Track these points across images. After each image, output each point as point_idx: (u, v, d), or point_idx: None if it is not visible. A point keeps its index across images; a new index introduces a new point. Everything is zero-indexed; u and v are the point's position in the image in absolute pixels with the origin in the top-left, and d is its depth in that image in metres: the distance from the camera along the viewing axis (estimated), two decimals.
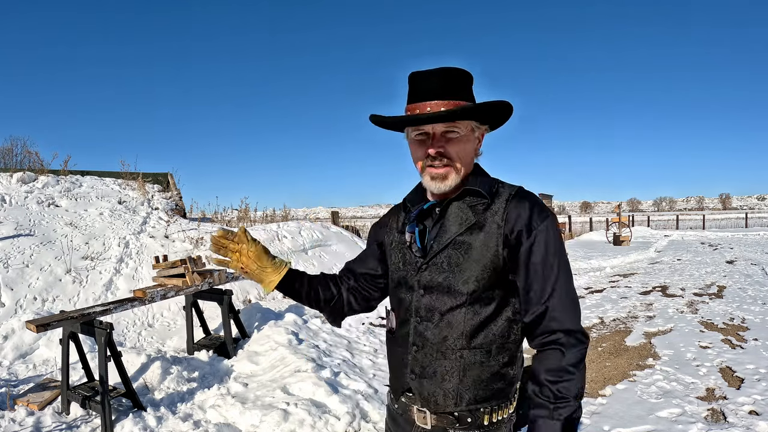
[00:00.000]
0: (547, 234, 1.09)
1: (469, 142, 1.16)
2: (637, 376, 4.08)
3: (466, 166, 1.16)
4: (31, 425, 2.96)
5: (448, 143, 1.12)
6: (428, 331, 1.15)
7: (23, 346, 4.14)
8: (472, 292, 1.10)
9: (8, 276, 4.96)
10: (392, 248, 1.29)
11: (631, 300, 7.49)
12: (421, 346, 1.16)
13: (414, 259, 1.19)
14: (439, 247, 1.14)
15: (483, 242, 1.11)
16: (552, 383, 1.04)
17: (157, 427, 3.01)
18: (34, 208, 6.62)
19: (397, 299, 1.25)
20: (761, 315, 6.14)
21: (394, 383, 1.27)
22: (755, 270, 10.47)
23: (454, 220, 1.15)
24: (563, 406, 1.02)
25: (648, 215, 49.89)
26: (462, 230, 1.13)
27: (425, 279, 1.16)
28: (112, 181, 8.65)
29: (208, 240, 7.00)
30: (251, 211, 10.59)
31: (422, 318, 1.16)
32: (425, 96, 1.11)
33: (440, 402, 1.14)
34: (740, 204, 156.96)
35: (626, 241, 18.60)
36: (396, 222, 1.31)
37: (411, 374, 1.18)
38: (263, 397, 3.38)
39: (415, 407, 1.19)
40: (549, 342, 1.07)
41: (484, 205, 1.14)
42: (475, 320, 1.11)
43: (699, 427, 3.07)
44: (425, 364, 1.15)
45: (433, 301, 1.14)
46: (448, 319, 1.12)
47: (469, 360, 1.11)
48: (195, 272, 3.93)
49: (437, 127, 1.11)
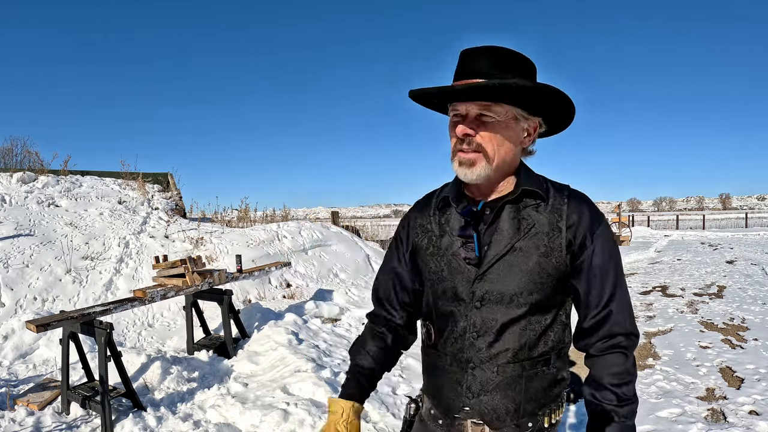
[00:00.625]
0: (606, 238, 1.07)
1: (509, 130, 1.02)
2: (637, 376, 4.08)
3: (501, 158, 1.03)
4: (31, 425, 2.96)
5: (481, 127, 1.01)
6: (487, 346, 1.06)
7: (23, 346, 4.14)
8: (537, 301, 1.05)
9: (8, 276, 4.96)
10: (429, 254, 1.13)
11: (631, 300, 7.49)
12: (479, 363, 1.07)
13: (464, 267, 1.07)
14: (497, 254, 1.04)
15: (546, 247, 1.04)
16: (617, 386, 1.03)
17: (157, 427, 3.01)
18: (34, 208, 6.62)
19: (441, 312, 1.12)
20: (761, 315, 6.14)
21: (441, 402, 1.14)
22: (755, 270, 10.47)
23: (512, 223, 1.05)
24: (628, 407, 1.03)
25: (648, 215, 49.91)
26: (521, 235, 1.04)
27: (482, 290, 1.05)
28: (112, 181, 8.65)
29: (208, 240, 7.01)
30: (251, 211, 10.60)
31: (479, 332, 1.06)
32: (467, 73, 1.01)
33: (501, 416, 1.07)
34: (740, 204, 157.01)
35: (626, 241, 18.60)
36: (428, 222, 1.16)
37: (468, 392, 1.08)
38: (263, 397, 3.38)
39: (469, 421, 1.10)
40: (612, 345, 1.05)
41: (541, 206, 1.06)
42: (536, 330, 1.06)
43: (699, 427, 3.07)
44: (485, 381, 1.07)
45: (492, 313, 1.05)
46: (510, 330, 1.05)
47: (531, 371, 1.07)
48: (195, 272, 3.93)
49: (471, 108, 1.00)
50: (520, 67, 1.01)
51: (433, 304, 1.15)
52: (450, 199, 1.12)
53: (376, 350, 1.23)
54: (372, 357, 1.23)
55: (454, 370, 1.10)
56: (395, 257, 1.24)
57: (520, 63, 1.01)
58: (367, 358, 1.23)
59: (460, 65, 1.04)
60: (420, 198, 1.25)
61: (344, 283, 7.16)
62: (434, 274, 1.12)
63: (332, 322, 5.25)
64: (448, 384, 1.11)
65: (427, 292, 1.18)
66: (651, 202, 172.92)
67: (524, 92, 0.99)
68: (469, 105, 1.00)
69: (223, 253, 6.74)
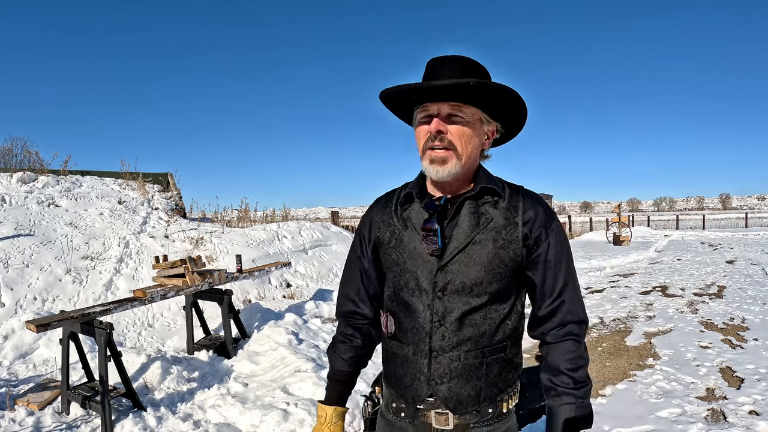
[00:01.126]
0: (559, 233, 1.15)
1: (476, 131, 1.11)
2: (637, 376, 4.08)
3: (468, 156, 1.10)
4: (31, 425, 2.96)
5: (451, 126, 1.08)
6: (450, 335, 1.10)
7: (23, 346, 4.14)
8: (495, 291, 1.11)
9: (8, 276, 4.96)
10: (392, 246, 1.18)
11: (631, 300, 7.49)
12: (441, 351, 1.11)
13: (426, 258, 1.12)
14: (459, 246, 1.10)
15: (504, 240, 1.11)
16: (572, 371, 1.09)
17: (157, 427, 3.01)
18: (34, 208, 6.62)
19: (403, 302, 1.16)
20: (761, 315, 6.14)
21: (405, 392, 1.17)
22: (755, 270, 10.47)
23: (471, 218, 1.11)
24: (584, 388, 1.10)
25: (648, 215, 49.91)
26: (480, 229, 1.11)
27: (444, 280, 1.10)
28: (112, 181, 8.65)
29: (208, 240, 7.01)
30: (251, 211, 10.60)
31: (441, 321, 1.11)
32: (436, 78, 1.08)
33: (464, 401, 1.12)
34: (740, 204, 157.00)
35: (626, 241, 18.60)
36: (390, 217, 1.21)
37: (431, 381, 1.13)
38: (263, 397, 3.38)
39: (433, 411, 1.14)
40: (566, 333, 1.12)
41: (499, 203, 1.14)
42: (495, 318, 1.12)
43: (699, 427, 3.07)
44: (448, 369, 1.11)
45: (454, 302, 1.10)
46: (470, 319, 1.10)
47: (491, 357, 1.13)
48: (195, 272, 3.93)
49: (443, 108, 1.07)
50: (483, 75, 1.10)
51: (395, 296, 1.19)
52: (414, 195, 1.18)
53: (350, 354, 1.29)
54: (346, 361, 1.29)
55: (417, 359, 1.14)
56: (359, 252, 1.29)
57: (482, 71, 1.10)
58: (342, 363, 1.29)
59: (429, 72, 1.10)
60: (380, 196, 1.30)
61: None
62: (397, 266, 1.17)
63: (332, 322, 5.25)
64: (411, 374, 1.15)
65: (389, 284, 1.22)
66: (651, 202, 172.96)
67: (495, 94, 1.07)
68: (441, 105, 1.07)
69: (223, 253, 6.74)
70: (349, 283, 1.31)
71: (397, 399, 1.20)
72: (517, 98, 1.08)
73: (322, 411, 1.27)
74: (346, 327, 1.30)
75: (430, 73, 1.09)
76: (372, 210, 1.28)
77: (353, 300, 1.29)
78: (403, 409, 1.19)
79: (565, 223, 19.16)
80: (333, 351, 1.31)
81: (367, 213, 1.30)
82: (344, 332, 1.30)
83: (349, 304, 1.30)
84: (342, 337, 1.30)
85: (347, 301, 1.30)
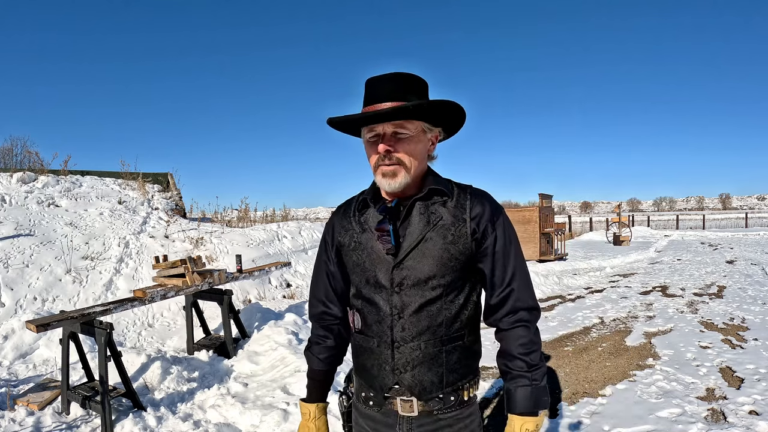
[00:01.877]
0: (505, 226, 1.24)
1: (420, 142, 1.20)
2: (637, 376, 4.08)
3: (416, 166, 1.20)
4: (31, 425, 2.97)
5: (397, 143, 1.16)
6: (409, 326, 1.19)
7: (23, 346, 4.14)
8: (448, 283, 1.19)
9: (8, 276, 4.96)
10: (352, 249, 1.27)
11: (631, 300, 7.49)
12: (403, 342, 1.20)
13: (383, 257, 1.21)
14: (411, 243, 1.19)
15: (453, 236, 1.19)
16: (525, 355, 1.18)
17: (157, 427, 3.01)
18: (34, 208, 6.62)
19: (366, 299, 1.25)
20: (761, 315, 6.14)
21: (373, 382, 1.26)
22: (755, 270, 10.48)
23: (421, 217, 1.20)
24: (537, 371, 1.18)
25: (648, 215, 49.90)
26: (431, 227, 1.19)
27: (400, 276, 1.19)
28: (112, 181, 8.65)
29: (208, 240, 7.01)
30: (251, 211, 10.60)
31: (401, 314, 1.19)
32: (377, 98, 1.17)
33: (427, 388, 1.20)
34: (740, 204, 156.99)
35: (626, 241, 18.61)
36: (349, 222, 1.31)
37: (396, 370, 1.21)
38: (263, 397, 3.38)
39: (398, 399, 1.22)
40: (517, 320, 1.20)
41: (447, 202, 1.22)
42: (451, 309, 1.20)
43: (699, 427, 3.07)
44: (410, 358, 1.19)
45: (411, 296, 1.19)
46: (427, 311, 1.18)
47: (450, 345, 1.21)
48: (195, 272, 3.93)
49: (387, 128, 1.16)
50: (419, 87, 1.19)
51: (358, 293, 1.28)
52: (368, 200, 1.28)
53: (324, 354, 1.38)
54: (322, 361, 1.38)
55: (381, 350, 1.22)
56: (324, 257, 1.38)
57: (418, 84, 1.19)
58: (318, 362, 1.38)
59: (369, 92, 1.19)
60: (341, 204, 1.40)
61: None
62: (357, 266, 1.26)
63: None
64: (377, 364, 1.24)
65: (353, 283, 1.31)
66: (651, 202, 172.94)
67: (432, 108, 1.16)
68: (385, 125, 1.15)
69: (223, 253, 6.74)
70: (317, 286, 1.40)
71: (366, 389, 1.29)
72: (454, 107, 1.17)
73: (305, 409, 1.37)
74: (319, 329, 1.39)
75: (370, 94, 1.18)
76: (333, 217, 1.38)
77: (322, 301, 1.38)
78: (372, 398, 1.27)
79: (564, 223, 19.18)
80: (309, 352, 1.40)
81: (330, 220, 1.39)
82: (317, 333, 1.40)
83: (319, 305, 1.39)
84: (316, 338, 1.40)
85: (317, 302, 1.40)
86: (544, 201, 14.32)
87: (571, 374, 4.20)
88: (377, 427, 1.27)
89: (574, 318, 6.37)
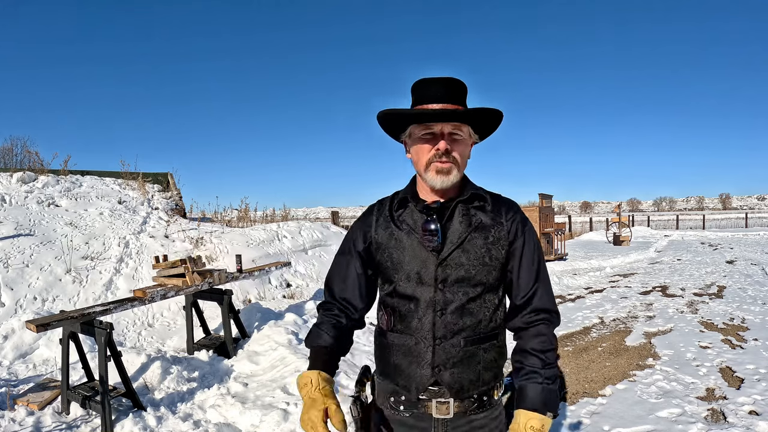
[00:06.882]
0: (532, 232, 1.31)
1: (467, 146, 1.26)
2: (637, 376, 4.08)
3: (463, 167, 1.26)
4: (31, 425, 2.96)
5: (453, 143, 1.21)
6: (451, 323, 1.21)
7: (23, 346, 4.14)
8: (488, 282, 1.24)
9: (8, 276, 4.96)
10: (392, 246, 1.28)
11: (631, 300, 7.49)
12: (443, 339, 1.21)
13: (426, 255, 1.23)
14: (455, 242, 1.23)
15: (493, 238, 1.25)
16: (541, 352, 1.21)
17: (157, 427, 3.01)
18: (34, 208, 6.62)
19: (405, 296, 1.25)
20: (761, 315, 6.14)
21: (407, 382, 1.24)
22: (755, 270, 10.48)
23: (463, 218, 1.25)
24: (551, 370, 1.21)
25: (648, 215, 49.89)
26: (472, 229, 1.24)
27: (444, 273, 1.22)
28: (112, 181, 8.65)
29: (208, 240, 7.01)
30: (251, 211, 10.60)
31: (443, 311, 1.21)
32: (433, 99, 1.20)
33: (466, 387, 1.22)
34: (740, 204, 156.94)
35: (626, 241, 18.60)
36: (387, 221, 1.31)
37: (435, 368, 1.22)
38: (263, 396, 3.38)
39: (434, 401, 1.22)
40: (538, 320, 1.25)
41: (485, 206, 1.28)
42: (489, 307, 1.25)
43: (699, 427, 3.07)
44: (450, 355, 1.21)
45: (454, 293, 1.22)
46: (468, 308, 1.22)
47: (487, 344, 1.25)
48: (195, 272, 3.93)
49: (445, 127, 1.20)
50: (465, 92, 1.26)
51: (395, 292, 1.28)
52: (408, 199, 1.31)
53: (335, 332, 1.29)
54: (329, 335, 1.28)
55: (420, 348, 1.23)
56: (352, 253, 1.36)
57: (465, 89, 1.25)
58: (325, 337, 1.28)
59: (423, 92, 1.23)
60: (373, 203, 1.42)
61: None
62: (398, 263, 1.27)
63: None
64: (414, 362, 1.24)
65: (389, 281, 1.30)
66: (651, 202, 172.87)
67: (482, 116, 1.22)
68: (444, 125, 1.20)
69: (223, 253, 6.74)
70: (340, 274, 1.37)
71: (396, 392, 1.27)
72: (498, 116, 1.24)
73: (305, 379, 1.19)
74: (333, 309, 1.34)
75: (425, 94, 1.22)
76: (367, 216, 1.38)
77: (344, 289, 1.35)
78: (403, 402, 1.26)
79: (565, 223, 19.17)
80: (317, 328, 1.31)
81: (362, 218, 1.39)
82: (331, 314, 1.33)
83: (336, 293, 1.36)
84: (328, 317, 1.32)
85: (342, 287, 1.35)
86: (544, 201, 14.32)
87: (571, 374, 4.20)
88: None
89: (574, 318, 6.37)
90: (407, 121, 1.24)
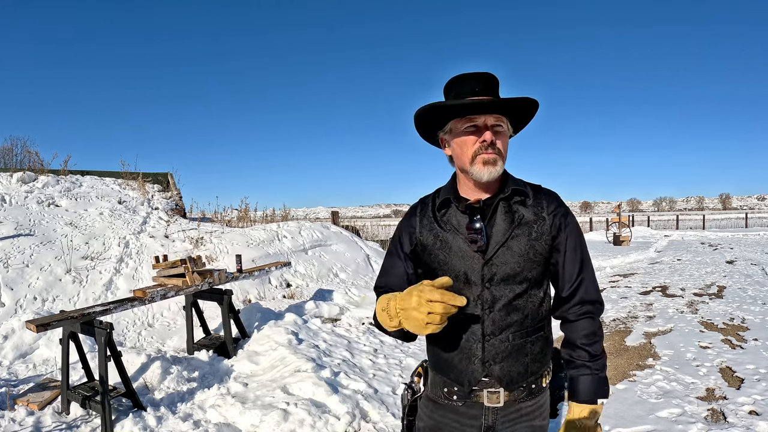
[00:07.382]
0: (575, 224, 1.33)
1: (507, 138, 1.27)
2: (637, 376, 4.08)
3: (505, 160, 1.26)
4: (31, 425, 2.96)
5: (496, 135, 1.22)
6: (499, 320, 1.25)
7: (23, 346, 4.14)
8: (533, 278, 1.26)
9: (8, 276, 4.96)
10: (438, 248, 1.30)
11: (631, 300, 7.49)
12: (492, 335, 1.25)
13: (471, 254, 1.25)
14: (499, 241, 1.24)
15: (536, 233, 1.26)
16: (588, 345, 1.28)
17: (157, 427, 3.01)
18: (34, 208, 6.62)
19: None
20: (761, 315, 6.14)
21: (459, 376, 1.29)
22: (755, 270, 10.47)
23: (506, 216, 1.26)
24: (599, 361, 1.28)
25: (648, 215, 49.88)
26: (516, 225, 1.26)
27: (490, 272, 1.24)
28: (112, 181, 8.65)
29: (208, 240, 7.01)
30: (251, 211, 10.60)
31: (491, 308, 1.25)
32: (473, 93, 1.22)
33: (515, 378, 1.27)
34: (740, 204, 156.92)
35: (626, 241, 18.60)
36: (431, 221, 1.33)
37: (486, 363, 1.26)
38: (263, 397, 3.38)
39: (485, 391, 1.27)
40: (584, 312, 1.30)
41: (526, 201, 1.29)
42: (535, 302, 1.28)
43: (699, 427, 3.07)
44: (500, 350, 1.25)
45: (500, 291, 1.24)
46: (515, 305, 1.25)
47: (534, 336, 1.28)
48: (195, 272, 3.93)
49: (489, 119, 1.21)
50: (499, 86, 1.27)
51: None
52: (451, 200, 1.31)
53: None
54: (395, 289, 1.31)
55: (471, 344, 1.27)
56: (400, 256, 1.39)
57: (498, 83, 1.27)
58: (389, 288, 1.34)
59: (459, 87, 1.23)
60: (415, 203, 1.43)
61: (344, 283, 7.16)
62: (444, 264, 1.29)
63: (332, 322, 5.25)
64: (465, 358, 1.28)
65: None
66: (651, 202, 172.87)
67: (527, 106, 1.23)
68: (487, 117, 1.21)
69: (223, 252, 6.74)
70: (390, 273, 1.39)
71: (449, 384, 1.32)
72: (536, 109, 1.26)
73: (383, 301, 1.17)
74: None
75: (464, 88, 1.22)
76: (411, 217, 1.40)
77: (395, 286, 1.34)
78: (456, 392, 1.31)
79: None
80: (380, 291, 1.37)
81: (406, 219, 1.41)
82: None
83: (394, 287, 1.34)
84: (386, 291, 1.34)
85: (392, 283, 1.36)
86: None
87: None
88: (460, 419, 1.31)
89: None
90: (449, 115, 1.24)
